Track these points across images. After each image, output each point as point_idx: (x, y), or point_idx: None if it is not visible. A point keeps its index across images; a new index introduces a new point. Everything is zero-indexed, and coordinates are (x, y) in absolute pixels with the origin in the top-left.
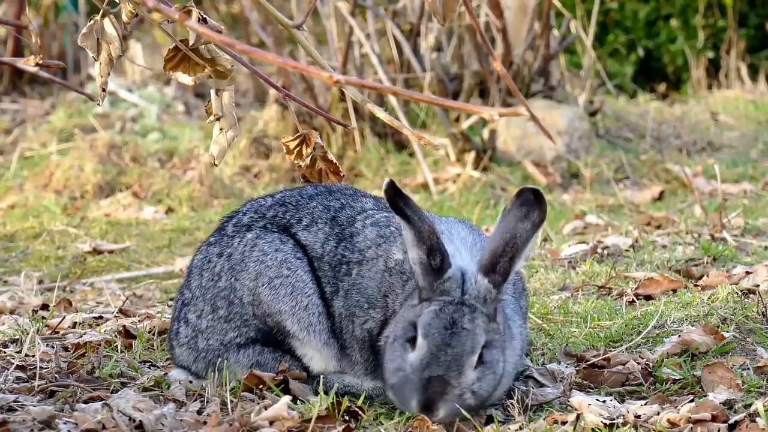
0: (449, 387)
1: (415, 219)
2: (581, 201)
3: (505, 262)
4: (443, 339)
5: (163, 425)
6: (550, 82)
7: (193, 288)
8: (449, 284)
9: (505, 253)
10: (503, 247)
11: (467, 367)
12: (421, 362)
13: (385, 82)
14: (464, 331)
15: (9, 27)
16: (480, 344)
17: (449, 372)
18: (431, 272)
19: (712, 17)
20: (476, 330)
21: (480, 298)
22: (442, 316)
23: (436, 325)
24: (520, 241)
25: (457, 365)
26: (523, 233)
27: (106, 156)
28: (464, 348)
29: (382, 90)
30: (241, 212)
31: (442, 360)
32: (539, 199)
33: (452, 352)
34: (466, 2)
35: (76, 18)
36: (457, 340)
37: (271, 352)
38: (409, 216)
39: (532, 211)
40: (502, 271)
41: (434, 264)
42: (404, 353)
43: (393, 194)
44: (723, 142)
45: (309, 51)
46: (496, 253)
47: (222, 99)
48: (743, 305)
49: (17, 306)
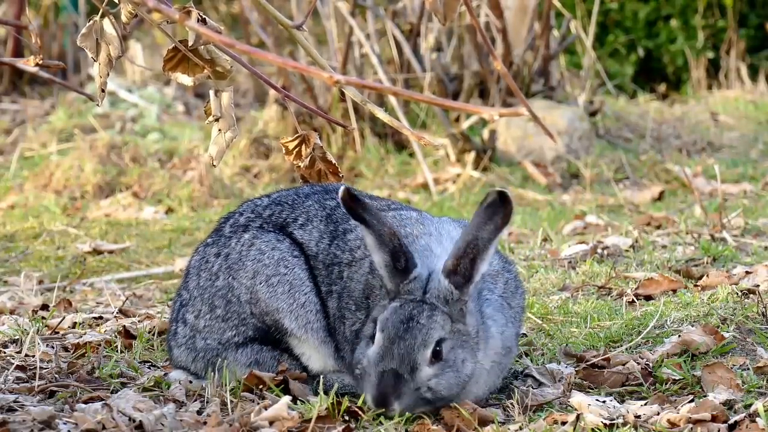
0: (403, 380)
1: (374, 223)
2: (581, 201)
3: (466, 264)
4: (397, 332)
5: (163, 425)
6: (550, 82)
7: (191, 288)
8: (414, 284)
9: (466, 254)
10: (464, 248)
11: (420, 361)
12: (377, 355)
13: (385, 82)
14: (418, 325)
15: (9, 27)
16: (433, 339)
17: (402, 366)
18: (397, 274)
19: (712, 17)
20: (431, 326)
21: (441, 298)
22: (400, 312)
23: (393, 320)
24: (481, 243)
25: (409, 358)
26: (485, 235)
27: (106, 156)
28: (416, 341)
29: (382, 90)
30: (238, 213)
31: (396, 353)
32: (505, 201)
33: (404, 345)
34: (466, 2)
35: (76, 18)
36: (410, 334)
37: (269, 351)
38: (368, 221)
39: (497, 213)
40: (464, 273)
41: (399, 266)
42: (365, 348)
43: (349, 200)
44: (723, 143)
45: (309, 51)
46: (457, 254)
47: (221, 100)
48: (743, 305)
49: (17, 306)
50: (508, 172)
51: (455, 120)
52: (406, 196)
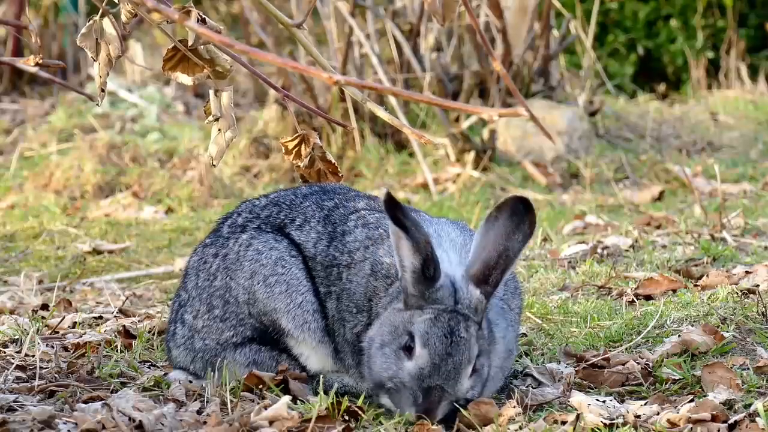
0: (446, 395)
1: (413, 230)
2: (581, 201)
3: (497, 274)
4: (445, 348)
5: (163, 425)
6: (549, 82)
7: (189, 289)
8: (441, 293)
9: (498, 265)
10: (496, 258)
11: (464, 376)
12: (422, 372)
13: (384, 82)
14: (462, 339)
15: (9, 27)
16: (475, 353)
17: (447, 382)
18: (424, 281)
19: (712, 17)
20: (471, 339)
21: (472, 308)
22: (439, 324)
23: (436, 334)
24: (512, 253)
25: (455, 375)
26: (515, 245)
27: (106, 156)
28: (463, 358)
29: (382, 90)
30: (236, 213)
31: (443, 370)
32: (529, 209)
33: (452, 361)
34: (465, 2)
35: (76, 18)
36: (457, 350)
37: (267, 351)
38: (407, 226)
39: (524, 222)
40: (494, 283)
41: (428, 273)
42: (398, 361)
43: (392, 206)
44: (723, 142)
45: (309, 50)
46: (489, 264)
47: (221, 99)
48: (743, 305)
49: (17, 306)
50: (508, 172)
51: (455, 120)
52: (406, 195)
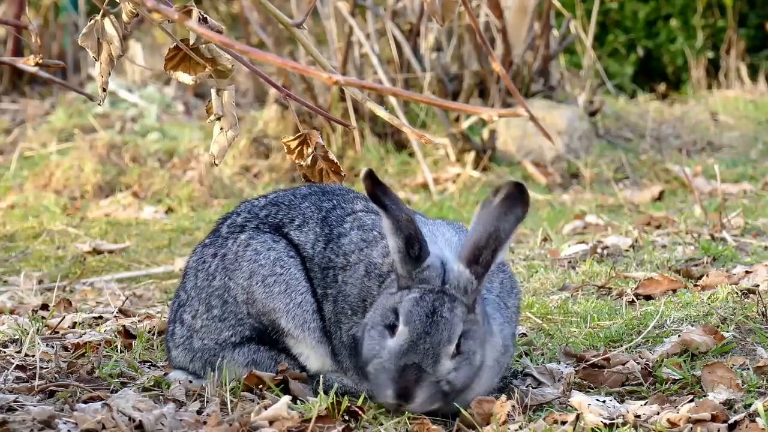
0: (425, 375)
1: (393, 208)
2: (581, 201)
3: (487, 254)
4: (423, 327)
5: (163, 425)
6: (549, 82)
7: (189, 289)
8: (429, 272)
9: (488, 245)
10: (486, 239)
11: (444, 355)
12: (400, 349)
13: (384, 82)
14: (443, 319)
15: (9, 27)
16: (457, 334)
17: (425, 360)
18: (410, 261)
19: (712, 17)
20: (454, 320)
21: (460, 289)
22: (422, 303)
23: (417, 313)
24: (503, 234)
25: (433, 353)
26: (506, 226)
27: (106, 156)
28: (442, 337)
29: (382, 91)
30: (235, 213)
31: (421, 348)
32: (523, 193)
33: (430, 340)
34: (465, 2)
35: (76, 18)
36: (436, 329)
37: (266, 351)
38: (386, 204)
39: (516, 205)
40: (484, 263)
41: (412, 252)
42: (382, 340)
43: (371, 183)
44: (723, 142)
45: (309, 50)
46: (479, 245)
47: (222, 98)
48: (743, 305)
49: (17, 306)
50: (508, 172)
51: (455, 120)
52: (406, 195)
